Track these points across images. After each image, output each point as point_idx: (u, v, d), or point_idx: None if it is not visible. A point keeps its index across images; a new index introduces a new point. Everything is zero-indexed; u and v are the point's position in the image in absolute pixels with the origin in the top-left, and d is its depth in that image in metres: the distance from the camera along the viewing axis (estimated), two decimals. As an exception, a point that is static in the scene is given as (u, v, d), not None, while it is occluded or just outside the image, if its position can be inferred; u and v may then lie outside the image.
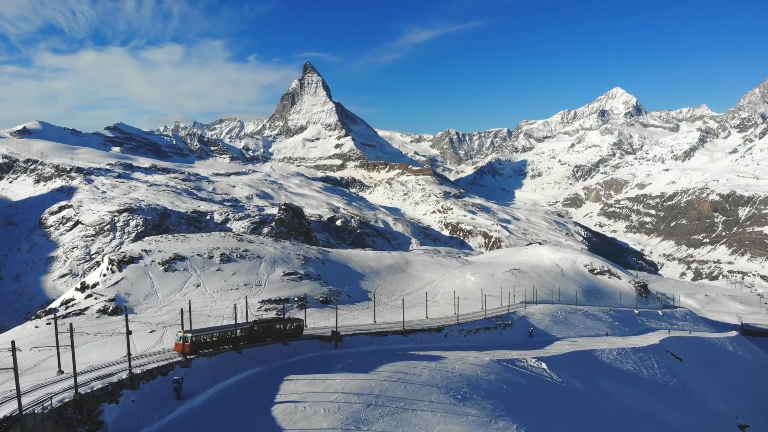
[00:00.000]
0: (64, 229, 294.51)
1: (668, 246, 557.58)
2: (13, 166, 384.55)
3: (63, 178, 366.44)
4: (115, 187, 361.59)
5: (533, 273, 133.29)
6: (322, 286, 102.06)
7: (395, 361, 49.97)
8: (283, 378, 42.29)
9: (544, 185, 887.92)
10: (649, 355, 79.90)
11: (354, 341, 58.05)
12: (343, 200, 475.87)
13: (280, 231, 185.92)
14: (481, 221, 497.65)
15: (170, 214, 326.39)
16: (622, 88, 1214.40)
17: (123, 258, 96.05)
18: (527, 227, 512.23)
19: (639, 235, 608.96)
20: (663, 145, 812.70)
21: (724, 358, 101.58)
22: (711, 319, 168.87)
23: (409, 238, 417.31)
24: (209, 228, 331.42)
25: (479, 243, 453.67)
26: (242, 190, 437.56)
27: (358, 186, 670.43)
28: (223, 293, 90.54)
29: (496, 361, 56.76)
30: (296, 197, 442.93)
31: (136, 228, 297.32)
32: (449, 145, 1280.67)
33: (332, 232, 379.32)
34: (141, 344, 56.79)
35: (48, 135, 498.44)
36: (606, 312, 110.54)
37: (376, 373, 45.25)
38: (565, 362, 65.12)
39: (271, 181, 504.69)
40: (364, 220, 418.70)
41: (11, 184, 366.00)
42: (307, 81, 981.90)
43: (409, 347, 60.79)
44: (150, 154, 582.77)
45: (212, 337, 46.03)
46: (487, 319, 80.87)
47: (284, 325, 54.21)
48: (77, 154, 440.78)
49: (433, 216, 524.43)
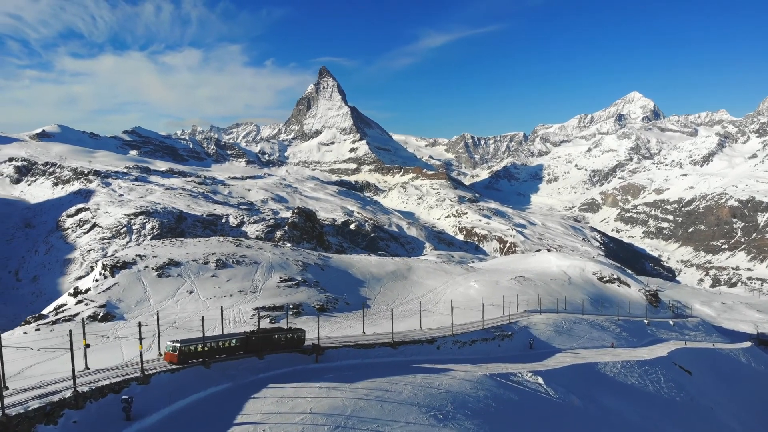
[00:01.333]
0: (81, 231, 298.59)
1: (686, 252, 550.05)
2: (31, 168, 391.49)
3: (81, 181, 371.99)
4: (131, 190, 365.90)
5: (539, 281, 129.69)
6: (320, 293, 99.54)
7: (378, 376, 47.16)
8: (250, 396, 39.85)
9: (560, 190, 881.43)
10: (656, 368, 76.52)
11: (337, 354, 54.82)
12: (358, 204, 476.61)
13: (293, 234, 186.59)
14: (496, 226, 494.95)
15: (186, 218, 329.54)
16: (640, 92, 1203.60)
17: (116, 263, 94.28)
18: (543, 232, 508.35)
19: (656, 241, 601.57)
20: (681, 149, 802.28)
21: (736, 370, 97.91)
22: (726, 328, 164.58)
23: (423, 243, 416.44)
24: (224, 231, 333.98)
25: (494, 248, 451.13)
26: (257, 194, 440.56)
27: (372, 190, 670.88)
28: (216, 300, 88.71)
29: (488, 376, 53.88)
30: (311, 201, 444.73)
31: (152, 231, 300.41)
32: (464, 149, 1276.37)
33: (346, 236, 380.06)
34: (129, 353, 55.11)
35: (67, 138, 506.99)
36: (614, 322, 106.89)
37: (353, 390, 42.67)
38: (564, 376, 62.44)
39: (286, 184, 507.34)
40: (378, 224, 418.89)
41: (30, 186, 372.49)
42: (322, 85, 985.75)
43: (398, 361, 57.82)
44: (167, 158, 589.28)
45: (204, 347, 44.66)
46: (485, 329, 77.31)
47: (284, 335, 52.33)
48: (95, 157, 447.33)
49: (447, 220, 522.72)
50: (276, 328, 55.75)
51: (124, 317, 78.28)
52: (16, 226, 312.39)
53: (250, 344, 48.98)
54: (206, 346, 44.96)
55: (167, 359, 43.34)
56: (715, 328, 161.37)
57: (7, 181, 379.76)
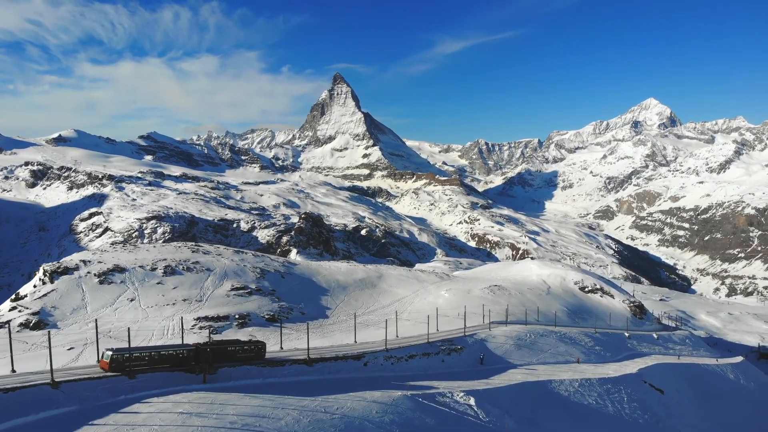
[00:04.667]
0: (93, 235, 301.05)
1: (702, 260, 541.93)
2: (47, 173, 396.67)
3: (95, 185, 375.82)
4: (145, 194, 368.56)
5: (515, 290, 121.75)
6: (273, 302, 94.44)
7: (265, 399, 41.25)
8: (86, 423, 34.90)
9: (575, 197, 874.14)
10: (620, 386, 69.79)
11: (235, 373, 48.73)
12: (369, 210, 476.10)
13: (299, 240, 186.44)
14: (509, 233, 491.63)
15: (198, 222, 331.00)
16: (656, 99, 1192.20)
17: (57, 268, 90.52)
18: (556, 239, 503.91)
19: (672, 249, 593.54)
20: (697, 157, 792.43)
21: (720, 388, 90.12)
22: (727, 341, 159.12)
23: (435, 249, 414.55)
24: (236, 236, 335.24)
25: (506, 255, 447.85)
26: (270, 199, 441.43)
27: (384, 196, 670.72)
28: (158, 308, 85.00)
29: (408, 397, 47.40)
30: (322, 206, 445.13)
31: (164, 235, 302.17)
32: (478, 155, 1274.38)
33: (357, 242, 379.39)
34: (57, 361, 51.72)
35: (83, 143, 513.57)
36: (589, 335, 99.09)
37: (219, 418, 36.69)
38: (505, 396, 56.26)
39: (298, 190, 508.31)
40: (389, 230, 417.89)
41: (45, 190, 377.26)
42: (336, 92, 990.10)
43: (310, 380, 51.83)
44: (182, 163, 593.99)
45: (144, 357, 43.41)
46: (430, 343, 70.49)
47: (241, 348, 50.22)
48: (110, 162, 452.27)
49: (459, 227, 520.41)
50: (233, 340, 53.60)
51: (57, 325, 75.07)
52: (31, 229, 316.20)
53: (201, 356, 46.98)
54: (145, 356, 43.69)
55: (102, 366, 43.01)
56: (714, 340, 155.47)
57: (22, 184, 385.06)
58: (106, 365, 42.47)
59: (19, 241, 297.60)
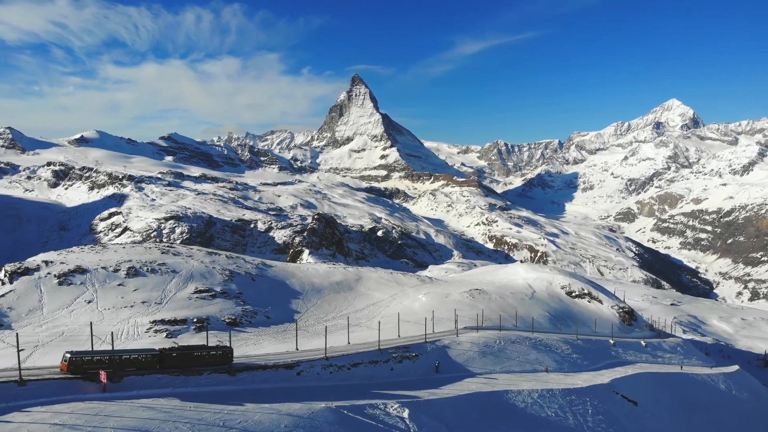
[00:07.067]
0: (113, 235, 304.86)
1: (724, 264, 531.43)
2: (69, 173, 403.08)
3: (115, 185, 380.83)
4: (164, 195, 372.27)
5: (496, 294, 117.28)
6: (236, 306, 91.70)
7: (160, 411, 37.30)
8: None
9: (595, 198, 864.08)
10: (586, 397, 64.21)
11: (141, 382, 44.40)
12: (386, 211, 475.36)
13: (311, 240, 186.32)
14: (527, 235, 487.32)
15: (215, 222, 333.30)
16: (679, 100, 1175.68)
17: (18, 269, 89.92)
18: (576, 242, 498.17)
19: (694, 252, 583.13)
20: (721, 158, 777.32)
21: (709, 399, 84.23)
22: (736, 348, 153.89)
23: (451, 251, 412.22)
24: (253, 236, 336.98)
25: (524, 257, 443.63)
26: (287, 200, 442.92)
27: (401, 197, 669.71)
28: (115, 311, 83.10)
29: (331, 409, 42.79)
30: (339, 207, 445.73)
31: (182, 235, 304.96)
32: (497, 156, 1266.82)
33: (373, 243, 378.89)
34: (4, 363, 51.18)
35: (104, 144, 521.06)
36: (568, 341, 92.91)
37: (93, 431, 33.21)
38: (451, 408, 51.39)
39: (315, 191, 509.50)
40: (405, 231, 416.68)
41: (66, 190, 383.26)
42: (354, 93, 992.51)
43: (229, 390, 47.43)
44: (202, 164, 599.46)
45: (104, 360, 42.94)
46: (380, 350, 65.47)
47: (207, 353, 49.28)
48: (131, 162, 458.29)
49: (477, 228, 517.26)
50: (200, 345, 52.84)
51: (11, 326, 74.39)
52: (52, 228, 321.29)
53: (166, 360, 46.32)
54: (106, 359, 43.43)
55: (62, 368, 43.01)
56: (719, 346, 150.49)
57: (45, 184, 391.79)
58: (65, 367, 42.63)
59: (40, 240, 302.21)
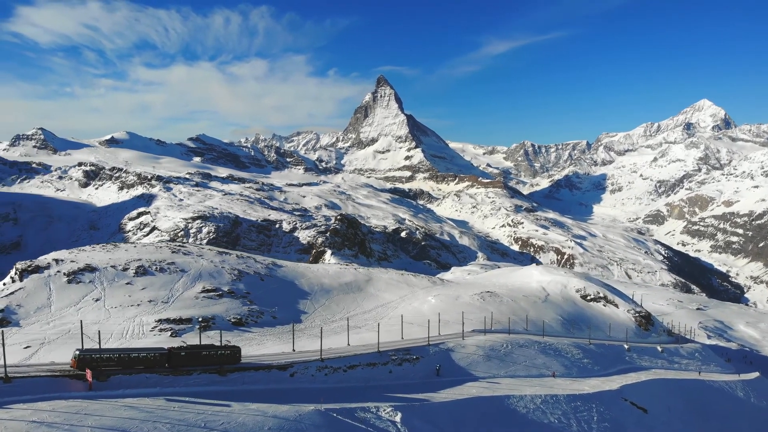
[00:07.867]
0: (141, 234, 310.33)
1: (756, 268, 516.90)
2: (99, 173, 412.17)
3: (144, 185, 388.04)
4: (191, 195, 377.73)
5: (508, 297, 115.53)
6: (243, 306, 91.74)
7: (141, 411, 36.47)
8: None
9: (624, 200, 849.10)
10: (592, 404, 62.14)
11: (129, 381, 43.87)
12: (410, 212, 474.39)
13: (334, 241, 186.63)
14: (554, 237, 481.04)
15: (241, 222, 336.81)
16: (710, 100, 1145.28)
17: (28, 267, 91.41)
18: (603, 244, 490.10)
19: (725, 256, 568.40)
20: (753, 160, 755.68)
21: (725, 406, 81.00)
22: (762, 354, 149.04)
23: (476, 252, 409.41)
24: (278, 236, 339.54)
25: (551, 259, 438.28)
26: (312, 200, 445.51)
27: (426, 198, 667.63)
28: (121, 309, 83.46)
29: (320, 412, 41.62)
30: (363, 208, 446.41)
31: (209, 235, 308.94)
32: (524, 157, 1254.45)
33: (396, 244, 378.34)
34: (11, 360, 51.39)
35: (134, 145, 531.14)
36: (580, 346, 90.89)
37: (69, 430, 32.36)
38: (446, 412, 50.03)
39: (340, 191, 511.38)
40: (429, 233, 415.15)
41: (97, 190, 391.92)
42: (379, 94, 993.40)
43: (219, 391, 46.57)
44: (229, 165, 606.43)
45: (113, 358, 43.74)
46: (380, 352, 64.16)
47: (215, 352, 49.85)
48: (160, 163, 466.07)
49: (502, 230, 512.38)
50: (205, 345, 53.29)
51: (19, 323, 75.77)
52: (82, 227, 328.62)
53: (174, 359, 47.07)
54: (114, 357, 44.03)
55: (73, 365, 43.62)
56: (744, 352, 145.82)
57: (75, 184, 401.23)
58: (75, 364, 43.43)
59: (70, 239, 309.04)
